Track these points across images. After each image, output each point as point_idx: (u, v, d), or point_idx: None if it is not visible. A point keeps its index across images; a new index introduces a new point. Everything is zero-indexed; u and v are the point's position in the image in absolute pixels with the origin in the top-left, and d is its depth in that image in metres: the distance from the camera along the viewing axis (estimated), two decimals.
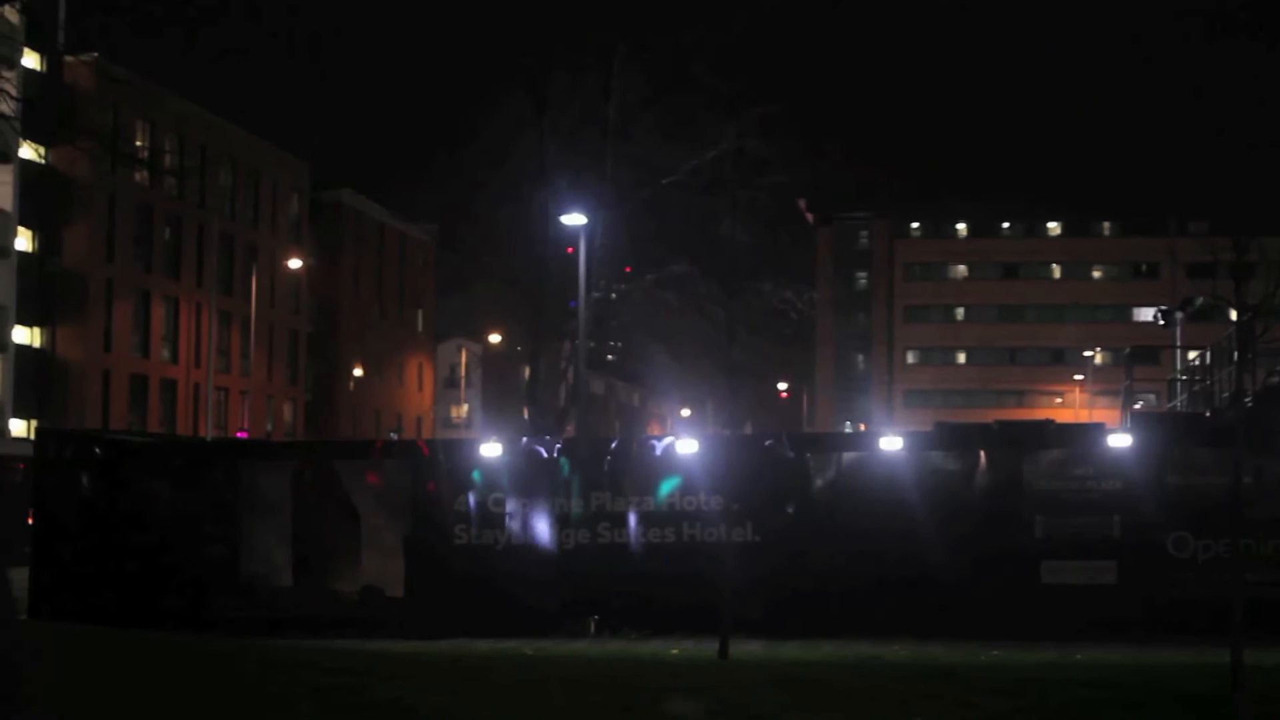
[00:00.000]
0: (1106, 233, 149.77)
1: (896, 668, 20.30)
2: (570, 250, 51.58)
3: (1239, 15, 28.66)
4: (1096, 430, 29.16)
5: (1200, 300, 63.39)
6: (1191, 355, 62.60)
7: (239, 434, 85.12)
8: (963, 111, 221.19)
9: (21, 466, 51.84)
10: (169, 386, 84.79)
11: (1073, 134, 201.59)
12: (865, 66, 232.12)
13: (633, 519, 27.65)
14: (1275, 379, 41.38)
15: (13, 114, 28.08)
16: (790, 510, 27.34)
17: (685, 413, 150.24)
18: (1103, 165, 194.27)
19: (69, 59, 76.39)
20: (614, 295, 61.51)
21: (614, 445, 29.15)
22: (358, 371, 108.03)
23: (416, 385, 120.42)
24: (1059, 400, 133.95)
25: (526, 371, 60.01)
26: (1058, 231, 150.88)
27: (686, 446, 28.24)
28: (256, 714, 15.60)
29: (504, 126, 56.95)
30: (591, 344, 58.02)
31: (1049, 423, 29.51)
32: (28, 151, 70.05)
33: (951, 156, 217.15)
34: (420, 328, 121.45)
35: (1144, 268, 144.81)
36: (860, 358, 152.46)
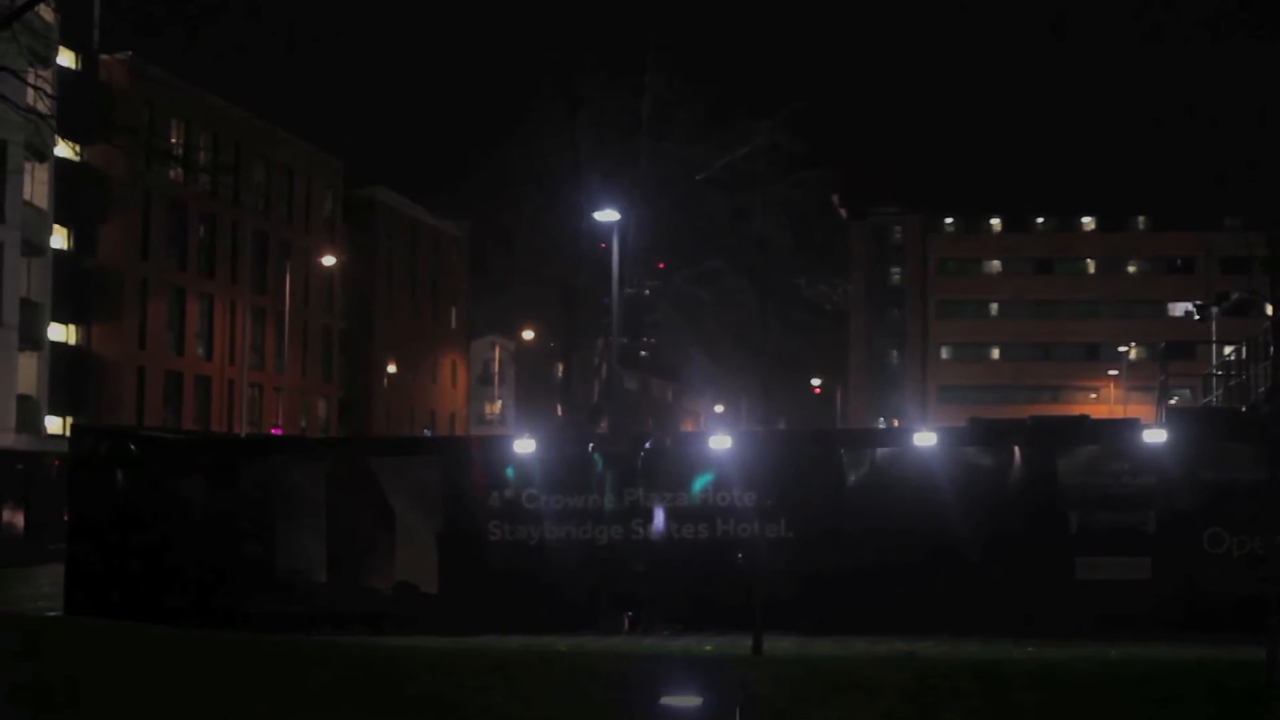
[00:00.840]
0: (1141, 227, 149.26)
1: (929, 664, 20.26)
2: (603, 246, 51.62)
3: (1238, 15, 28.62)
4: (1131, 426, 29.05)
5: (1235, 295, 63.21)
6: (1227, 350, 62.45)
7: (273, 431, 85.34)
8: (997, 107, 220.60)
9: (57, 463, 52.09)
10: (203, 384, 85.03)
11: (1105, 128, 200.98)
12: (897, 65, 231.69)
13: (666, 515, 27.64)
14: None
15: (49, 112, 28.23)
16: (823, 506, 27.28)
17: (719, 409, 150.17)
18: (1136, 160, 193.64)
19: (104, 57, 76.69)
20: (647, 291, 61.57)
21: (647, 442, 29.14)
22: (391, 368, 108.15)
23: (450, 382, 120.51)
24: (1093, 396, 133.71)
25: (560, 368, 60.15)
26: (1092, 226, 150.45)
27: (720, 442, 28.23)
28: (303, 709, 15.67)
29: (538, 124, 57.05)
30: (625, 340, 58.07)
31: (1083, 418, 29.44)
32: (63, 149, 70.41)
33: (985, 152, 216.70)
34: (454, 324, 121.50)
35: (1179, 262, 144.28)
36: (894, 353, 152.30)
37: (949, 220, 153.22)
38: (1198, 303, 74.54)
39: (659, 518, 27.66)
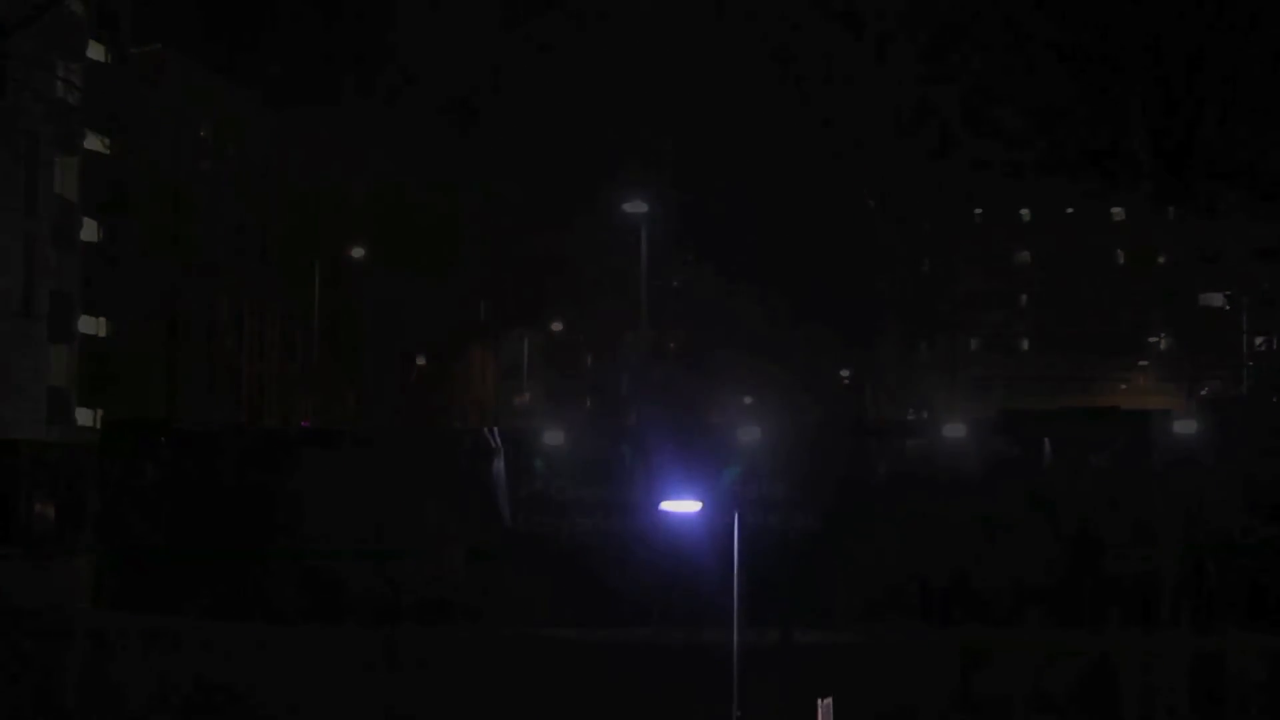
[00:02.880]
0: (1171, 217, 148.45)
1: (958, 653, 20.24)
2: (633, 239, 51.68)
3: None
4: (1162, 416, 28.98)
5: (1266, 285, 62.95)
6: (1258, 340, 62.28)
7: (303, 423, 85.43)
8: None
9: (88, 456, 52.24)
10: (233, 376, 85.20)
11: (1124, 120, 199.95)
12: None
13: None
14: None
15: (78, 105, 28.36)
16: (853, 497, 27.24)
17: (747, 400, 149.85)
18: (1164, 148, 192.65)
19: (134, 50, 76.78)
20: (676, 283, 61.66)
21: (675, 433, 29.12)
22: (420, 361, 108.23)
23: (479, 374, 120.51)
24: (1124, 386, 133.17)
25: (589, 359, 60.25)
26: (1121, 216, 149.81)
27: (748, 434, 28.20)
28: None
29: (565, 120, 57.08)
30: (654, 332, 58.19)
31: (1114, 409, 29.39)
32: (93, 142, 70.56)
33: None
34: (483, 316, 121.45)
35: (1209, 252, 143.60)
36: (923, 345, 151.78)
37: (978, 210, 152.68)
38: (1228, 293, 74.35)
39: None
